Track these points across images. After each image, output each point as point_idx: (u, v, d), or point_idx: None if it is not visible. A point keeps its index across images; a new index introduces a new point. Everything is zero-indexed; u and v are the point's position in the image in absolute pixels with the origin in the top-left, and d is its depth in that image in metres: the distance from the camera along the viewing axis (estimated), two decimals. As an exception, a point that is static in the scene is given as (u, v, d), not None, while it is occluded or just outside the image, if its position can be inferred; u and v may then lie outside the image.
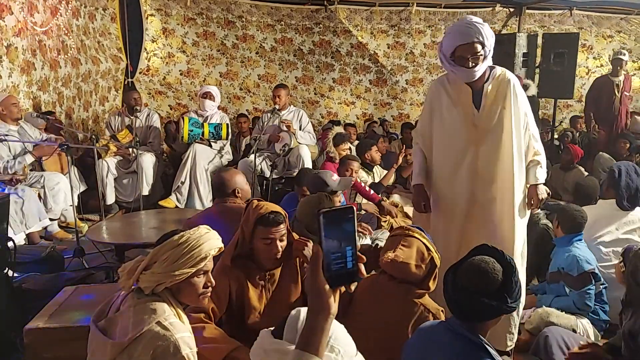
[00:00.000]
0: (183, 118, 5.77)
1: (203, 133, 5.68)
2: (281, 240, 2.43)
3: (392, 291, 2.28)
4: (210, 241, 1.84)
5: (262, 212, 2.39)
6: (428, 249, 2.28)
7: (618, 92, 7.02)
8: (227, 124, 5.89)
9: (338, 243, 1.05)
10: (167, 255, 1.77)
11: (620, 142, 6.39)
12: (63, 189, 4.85)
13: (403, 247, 2.26)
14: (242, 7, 8.29)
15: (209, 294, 1.90)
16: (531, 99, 6.15)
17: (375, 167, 5.34)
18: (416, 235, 2.30)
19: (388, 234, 3.76)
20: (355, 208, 1.07)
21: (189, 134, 5.60)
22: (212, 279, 1.89)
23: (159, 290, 1.77)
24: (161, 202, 5.54)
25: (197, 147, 5.66)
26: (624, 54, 7.05)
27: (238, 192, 3.13)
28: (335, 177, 3.85)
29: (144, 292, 1.77)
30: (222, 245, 1.90)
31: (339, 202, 3.78)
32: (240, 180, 3.18)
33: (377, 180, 5.28)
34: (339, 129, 5.81)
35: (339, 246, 1.05)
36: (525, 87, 6.20)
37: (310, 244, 2.49)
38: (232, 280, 2.40)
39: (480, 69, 2.76)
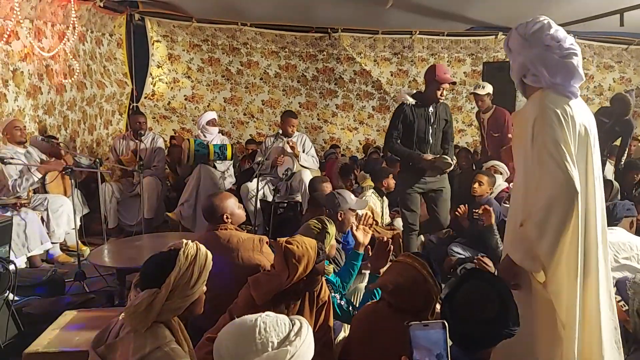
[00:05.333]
0: (188, 140, 5.81)
1: (208, 154, 5.72)
2: None
3: (389, 319, 2.24)
4: (208, 251, 1.90)
5: (320, 258, 2.41)
6: (426, 281, 2.21)
7: (483, 129, 6.08)
8: (232, 145, 5.96)
9: (428, 358, 1.04)
10: (186, 278, 1.77)
11: (631, 172, 6.23)
12: (66, 211, 4.87)
13: (398, 275, 2.24)
14: (247, 34, 8.39)
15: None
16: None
17: (385, 194, 5.39)
18: (416, 265, 2.25)
19: None
20: (446, 324, 1.06)
21: (195, 155, 5.64)
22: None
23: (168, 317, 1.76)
24: (169, 214, 5.70)
25: (203, 167, 5.70)
26: (481, 87, 5.88)
27: (227, 218, 3.04)
28: (353, 196, 3.86)
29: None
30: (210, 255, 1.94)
31: (352, 222, 3.74)
32: (230, 205, 3.09)
33: (385, 207, 5.32)
34: (343, 160, 5.90)
35: None
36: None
37: None
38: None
39: None
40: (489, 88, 5.78)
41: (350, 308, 2.84)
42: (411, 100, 4.43)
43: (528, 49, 2.21)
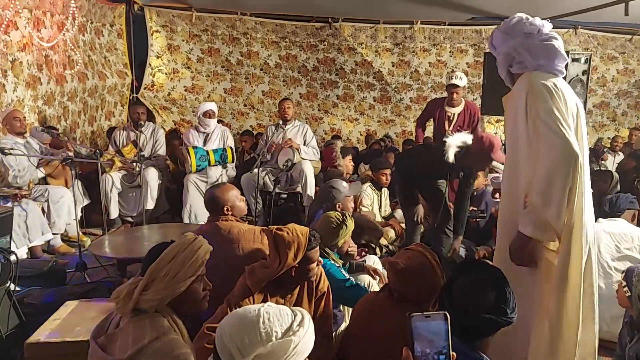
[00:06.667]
0: (188, 150, 5.71)
1: (209, 162, 5.70)
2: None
3: (389, 310, 2.25)
4: (202, 246, 1.89)
5: (312, 245, 2.39)
6: (434, 271, 2.23)
7: (449, 125, 5.38)
8: (232, 148, 5.90)
9: (429, 350, 1.03)
10: (166, 270, 1.77)
11: (629, 160, 6.20)
12: (67, 203, 4.87)
13: (409, 258, 2.25)
14: (247, 24, 8.34)
15: (208, 297, 1.92)
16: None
17: (383, 187, 5.38)
18: (427, 254, 2.26)
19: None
20: (448, 315, 1.04)
21: (197, 168, 5.64)
22: (209, 282, 1.93)
23: (161, 306, 1.76)
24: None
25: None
26: (459, 78, 5.27)
27: (228, 210, 3.03)
28: (345, 184, 4.00)
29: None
30: (211, 248, 1.94)
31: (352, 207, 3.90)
32: (231, 197, 3.08)
33: (385, 198, 5.32)
34: (340, 144, 5.90)
35: (430, 353, 1.03)
36: None
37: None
38: (255, 303, 2.36)
39: None
40: (465, 79, 5.40)
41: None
42: None
43: (510, 40, 2.33)
